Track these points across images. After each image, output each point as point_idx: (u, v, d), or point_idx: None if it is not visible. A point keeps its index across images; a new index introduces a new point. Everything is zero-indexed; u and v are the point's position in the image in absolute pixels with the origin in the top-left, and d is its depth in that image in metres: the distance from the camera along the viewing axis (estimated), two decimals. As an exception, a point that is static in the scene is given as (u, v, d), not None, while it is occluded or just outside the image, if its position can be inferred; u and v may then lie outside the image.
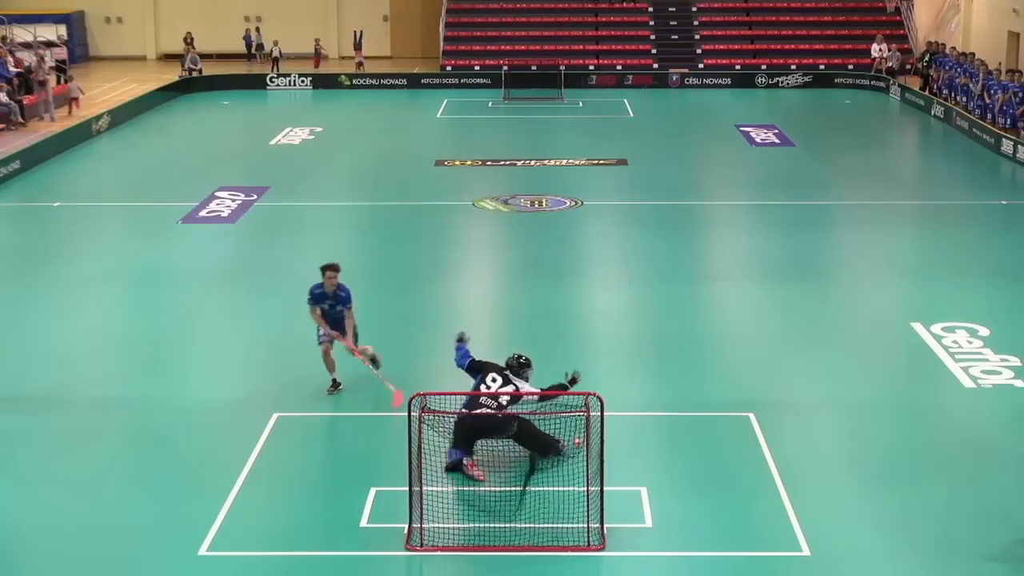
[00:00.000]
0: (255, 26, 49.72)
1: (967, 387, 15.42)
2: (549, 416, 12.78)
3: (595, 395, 11.55)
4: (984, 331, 17.25)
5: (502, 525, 11.69)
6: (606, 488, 11.52)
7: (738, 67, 45.03)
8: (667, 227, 23.65)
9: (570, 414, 12.36)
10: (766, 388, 15.33)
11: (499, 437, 12.75)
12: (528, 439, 12.78)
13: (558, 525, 11.68)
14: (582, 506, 11.56)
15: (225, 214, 24.90)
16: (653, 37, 46.83)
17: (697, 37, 46.71)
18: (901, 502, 12.35)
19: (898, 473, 13.00)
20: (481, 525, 11.78)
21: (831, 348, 16.92)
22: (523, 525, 11.71)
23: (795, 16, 47.45)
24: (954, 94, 36.76)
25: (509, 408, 12.66)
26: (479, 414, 12.55)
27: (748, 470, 13.01)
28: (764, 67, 44.76)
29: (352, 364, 15.11)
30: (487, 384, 12.84)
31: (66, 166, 30.50)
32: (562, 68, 42.28)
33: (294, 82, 44.32)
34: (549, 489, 12.32)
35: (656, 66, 45.23)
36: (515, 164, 30.23)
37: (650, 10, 47.85)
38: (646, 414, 14.53)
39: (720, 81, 44.20)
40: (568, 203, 25.77)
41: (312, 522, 12.02)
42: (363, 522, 11.91)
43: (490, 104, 40.43)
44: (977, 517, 11.98)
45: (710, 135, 35.07)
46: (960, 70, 36.69)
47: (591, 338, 17.42)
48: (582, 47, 46.31)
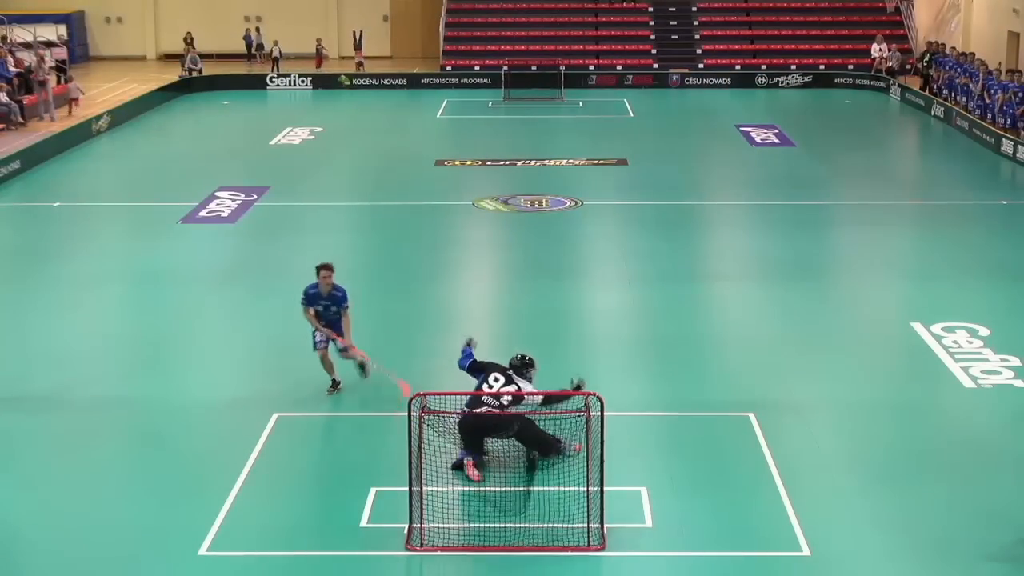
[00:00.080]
0: (255, 26, 49.72)
1: (967, 387, 15.42)
2: (549, 416, 12.78)
3: (595, 395, 11.56)
4: (984, 331, 17.25)
5: (502, 525, 11.69)
6: (606, 488, 11.51)
7: (738, 67, 45.03)
8: (667, 227, 23.65)
9: (570, 414, 12.36)
10: (766, 388, 15.33)
11: (501, 436, 12.77)
12: (530, 438, 12.80)
13: (558, 525, 11.68)
14: (582, 506, 11.56)
15: (225, 214, 24.90)
16: (653, 37, 46.83)
17: (697, 37, 46.71)
18: (901, 502, 12.35)
19: (898, 473, 13.00)
20: (481, 525, 11.78)
21: (831, 348, 16.92)
22: (523, 525, 11.72)
23: (795, 16, 47.45)
24: (954, 94, 36.75)
25: (511, 408, 12.67)
26: (481, 413, 12.57)
27: (748, 470, 13.01)
28: (764, 67, 44.75)
29: (352, 364, 15.10)
30: (489, 384, 12.85)
31: (66, 166, 30.50)
32: (562, 68, 42.27)
33: (294, 82, 44.32)
34: (549, 489, 12.33)
35: (656, 66, 45.22)
36: (515, 164, 30.22)
37: (650, 10, 47.84)
38: (646, 414, 14.53)
39: (720, 81, 44.19)
40: (568, 203, 25.76)
41: (312, 522, 12.02)
42: (363, 522, 11.91)
43: (490, 104, 40.42)
44: (977, 517, 11.98)
45: (710, 135, 35.05)
46: (960, 70, 36.68)
47: (591, 338, 17.42)
48: (582, 47, 46.31)
